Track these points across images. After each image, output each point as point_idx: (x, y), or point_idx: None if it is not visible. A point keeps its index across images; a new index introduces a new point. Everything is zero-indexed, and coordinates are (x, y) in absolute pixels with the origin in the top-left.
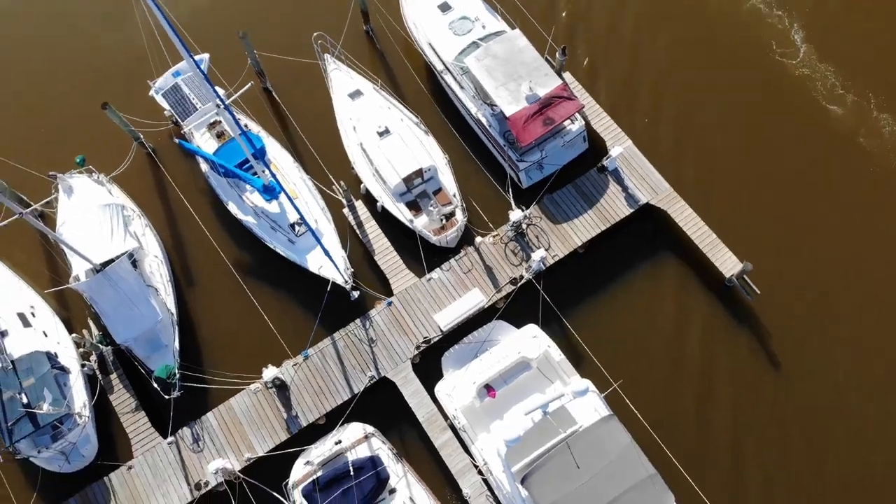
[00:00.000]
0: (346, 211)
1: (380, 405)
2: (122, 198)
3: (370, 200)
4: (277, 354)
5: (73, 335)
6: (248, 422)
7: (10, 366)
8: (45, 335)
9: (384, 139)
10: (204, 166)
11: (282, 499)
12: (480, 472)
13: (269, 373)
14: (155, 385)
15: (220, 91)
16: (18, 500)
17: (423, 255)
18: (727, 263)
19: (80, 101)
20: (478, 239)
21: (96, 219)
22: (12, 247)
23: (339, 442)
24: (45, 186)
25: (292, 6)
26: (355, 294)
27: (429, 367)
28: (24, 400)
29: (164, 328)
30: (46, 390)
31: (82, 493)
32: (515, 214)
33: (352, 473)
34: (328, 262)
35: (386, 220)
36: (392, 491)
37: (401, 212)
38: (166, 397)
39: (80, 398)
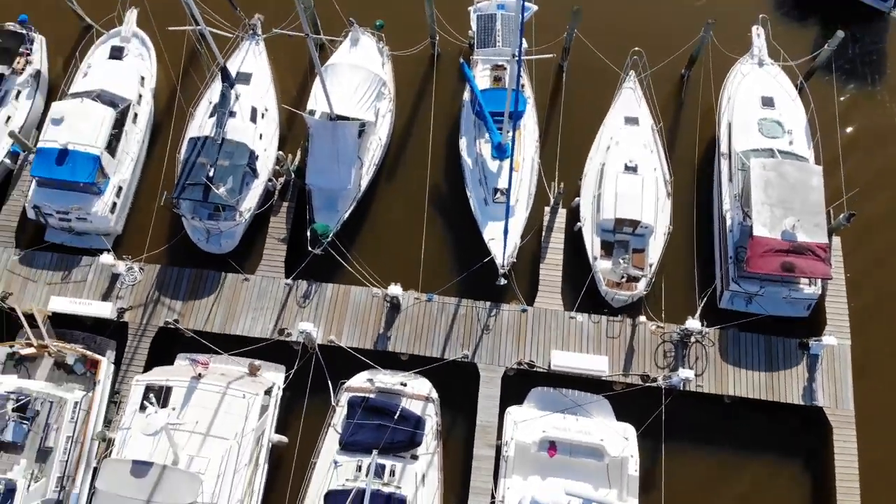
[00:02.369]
0: (547, 209)
1: (455, 381)
2: (388, 76)
3: (573, 216)
4: (410, 281)
5: (280, 153)
6: (352, 313)
7: (220, 140)
8: (260, 137)
9: (626, 174)
10: (466, 95)
11: (332, 391)
12: None
13: (394, 290)
14: (308, 234)
15: (524, 45)
16: (152, 242)
17: (582, 294)
18: None
19: None
20: (641, 318)
21: (359, 78)
22: (284, 55)
23: (405, 385)
24: (338, 27)
25: (650, 18)
26: (503, 281)
27: (516, 385)
28: (210, 174)
29: (346, 197)
30: (231, 178)
31: (199, 271)
32: (693, 324)
33: (395, 417)
34: (500, 240)
35: (574, 241)
36: (414, 457)
37: (592, 245)
38: (310, 249)
39: (250, 202)
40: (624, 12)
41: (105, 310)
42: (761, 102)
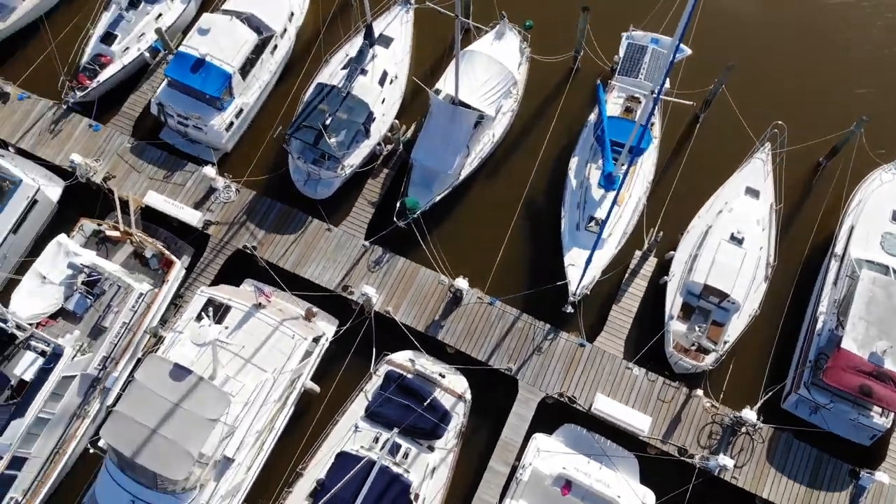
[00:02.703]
0: (638, 253)
1: (491, 390)
2: (521, 77)
3: (663, 268)
4: (479, 279)
5: (396, 121)
6: (415, 292)
7: (345, 93)
8: (382, 102)
9: (730, 244)
10: (592, 117)
11: (373, 358)
12: None
13: (460, 283)
14: (397, 205)
15: (667, 84)
16: (255, 169)
17: (646, 349)
18: None
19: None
20: (698, 391)
21: (492, 71)
22: (429, 29)
23: (443, 376)
24: (489, 16)
25: (803, 95)
26: (570, 309)
27: (549, 413)
28: (327, 122)
29: (444, 180)
30: (345, 132)
31: (289, 208)
32: (749, 415)
33: (424, 404)
34: (580, 268)
35: (655, 292)
36: (431, 448)
37: (673, 303)
38: (395, 219)
39: (354, 158)
40: (778, 82)
41: (194, 217)
42: (892, 216)
